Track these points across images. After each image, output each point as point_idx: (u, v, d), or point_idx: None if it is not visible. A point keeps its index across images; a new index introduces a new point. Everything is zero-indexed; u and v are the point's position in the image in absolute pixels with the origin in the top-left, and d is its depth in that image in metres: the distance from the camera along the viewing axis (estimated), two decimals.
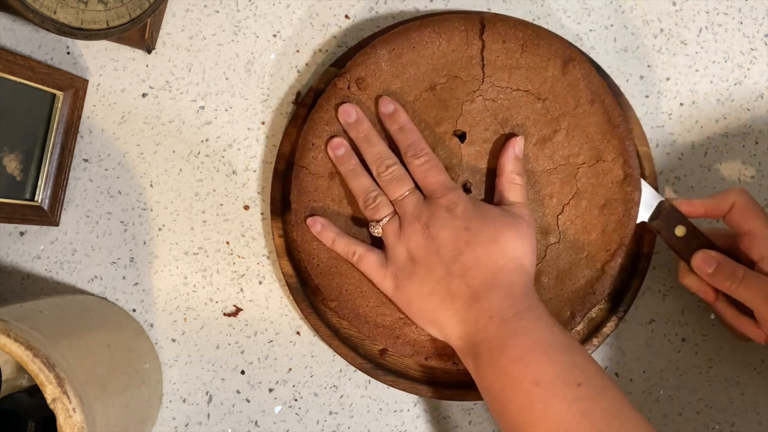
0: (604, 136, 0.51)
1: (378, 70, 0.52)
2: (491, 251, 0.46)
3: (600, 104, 0.51)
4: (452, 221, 0.47)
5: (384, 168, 0.50)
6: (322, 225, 0.51)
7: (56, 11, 0.47)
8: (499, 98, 0.52)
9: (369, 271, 0.50)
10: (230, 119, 0.57)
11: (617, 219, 0.51)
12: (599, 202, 0.51)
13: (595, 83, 0.52)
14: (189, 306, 0.57)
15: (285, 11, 0.57)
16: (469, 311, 0.46)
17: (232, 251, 0.57)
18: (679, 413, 0.55)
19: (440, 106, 0.52)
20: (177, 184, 0.57)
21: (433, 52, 0.52)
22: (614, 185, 0.51)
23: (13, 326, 0.43)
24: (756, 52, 0.57)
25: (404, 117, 0.51)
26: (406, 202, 0.49)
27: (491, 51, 0.52)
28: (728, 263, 0.48)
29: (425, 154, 0.49)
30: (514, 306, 0.45)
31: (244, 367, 0.56)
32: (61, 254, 0.57)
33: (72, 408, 0.42)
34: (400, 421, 0.56)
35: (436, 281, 0.47)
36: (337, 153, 0.51)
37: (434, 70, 0.52)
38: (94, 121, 0.57)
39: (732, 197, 0.49)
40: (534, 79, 0.52)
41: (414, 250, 0.48)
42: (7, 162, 0.52)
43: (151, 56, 0.57)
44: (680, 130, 0.57)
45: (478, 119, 0.52)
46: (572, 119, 0.52)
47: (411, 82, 0.52)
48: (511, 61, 0.52)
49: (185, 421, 0.56)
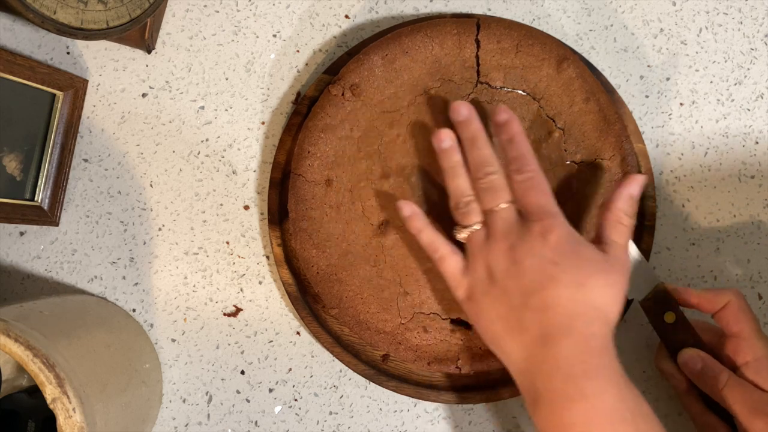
0: (600, 134, 0.51)
1: (372, 75, 0.52)
2: (576, 295, 0.43)
3: (595, 102, 0.51)
4: (542, 250, 0.44)
5: (483, 174, 0.46)
6: (412, 212, 0.49)
7: (56, 11, 0.47)
8: (494, 100, 0.52)
9: (446, 274, 0.48)
10: (230, 119, 0.57)
11: None
12: (597, 200, 0.52)
13: (589, 81, 0.52)
14: (189, 306, 0.57)
15: (285, 11, 0.57)
16: (536, 351, 0.43)
17: (232, 251, 0.57)
18: (679, 413, 0.55)
19: (436, 109, 0.52)
20: (177, 184, 0.57)
21: (426, 57, 0.52)
22: (612, 184, 0.51)
23: (13, 326, 0.43)
24: (756, 52, 0.57)
25: (517, 129, 0.47)
26: (498, 216, 0.46)
27: (486, 51, 0.52)
28: (714, 365, 0.47)
29: (530, 170, 0.46)
30: (585, 361, 0.42)
31: (244, 367, 0.56)
32: (61, 254, 0.57)
33: (72, 408, 0.42)
34: (400, 421, 0.56)
35: (509, 308, 0.44)
36: (442, 145, 0.48)
37: (428, 74, 0.52)
38: (94, 121, 0.57)
39: (727, 296, 0.48)
40: (529, 79, 0.52)
41: (495, 268, 0.45)
42: (7, 162, 0.52)
43: (151, 56, 0.57)
44: (680, 130, 0.57)
45: None
46: (568, 118, 0.52)
47: (405, 87, 0.52)
48: (506, 61, 0.52)
49: (185, 421, 0.56)
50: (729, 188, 0.56)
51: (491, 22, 0.52)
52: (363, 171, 0.52)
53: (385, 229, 0.52)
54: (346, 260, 0.52)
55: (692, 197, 0.56)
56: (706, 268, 0.56)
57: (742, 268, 0.56)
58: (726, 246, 0.56)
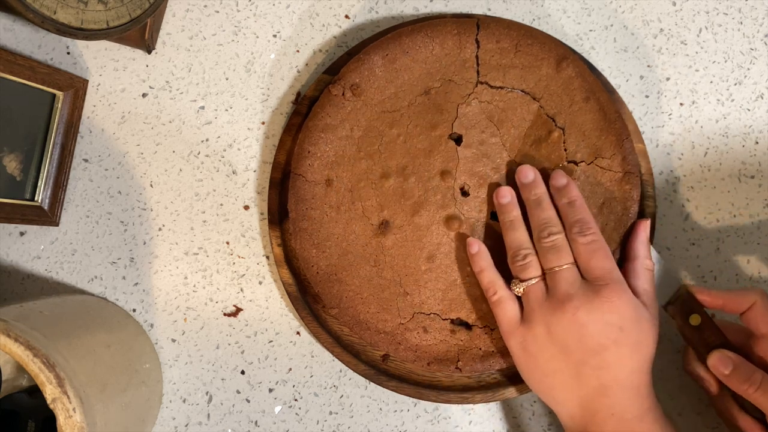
0: (600, 133, 0.51)
1: (372, 75, 0.52)
2: (635, 355, 0.46)
3: (595, 101, 0.51)
4: (606, 315, 0.45)
5: (547, 234, 0.48)
6: (479, 249, 0.51)
7: (56, 11, 0.47)
8: (494, 100, 0.52)
9: (501, 318, 0.49)
10: (230, 119, 0.57)
11: (616, 218, 0.51)
12: (598, 200, 0.52)
13: (589, 81, 0.52)
14: (189, 306, 0.57)
15: (285, 11, 0.57)
16: (591, 402, 0.46)
17: (232, 251, 0.57)
18: (679, 413, 0.55)
19: (435, 109, 0.52)
20: (177, 184, 0.57)
21: (426, 57, 0.52)
22: (613, 183, 0.51)
23: (13, 326, 0.43)
24: (756, 52, 0.57)
25: (576, 192, 0.49)
26: (561, 276, 0.47)
27: (486, 51, 0.52)
28: (746, 366, 0.47)
29: (592, 233, 0.48)
30: (637, 406, 0.45)
31: (244, 367, 0.56)
32: (61, 254, 0.57)
33: (72, 408, 0.42)
34: (400, 421, 0.56)
35: (567, 364, 0.46)
36: (502, 201, 0.50)
37: (428, 74, 0.52)
38: (94, 121, 0.57)
39: (753, 297, 0.48)
40: (528, 78, 0.52)
41: (555, 328, 0.46)
42: (7, 162, 0.52)
43: (151, 56, 0.57)
44: (680, 130, 0.57)
45: (473, 122, 0.52)
46: (568, 117, 0.52)
47: (405, 87, 0.52)
48: (505, 60, 0.52)
49: (185, 421, 0.56)
50: (729, 188, 0.56)
51: (491, 22, 0.52)
52: (363, 171, 0.52)
53: (385, 229, 0.52)
54: (346, 260, 0.52)
55: (692, 197, 0.56)
56: (706, 268, 0.56)
57: (742, 268, 0.56)
58: (726, 246, 0.56)
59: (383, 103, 0.52)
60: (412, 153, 0.52)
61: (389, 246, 0.52)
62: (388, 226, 0.52)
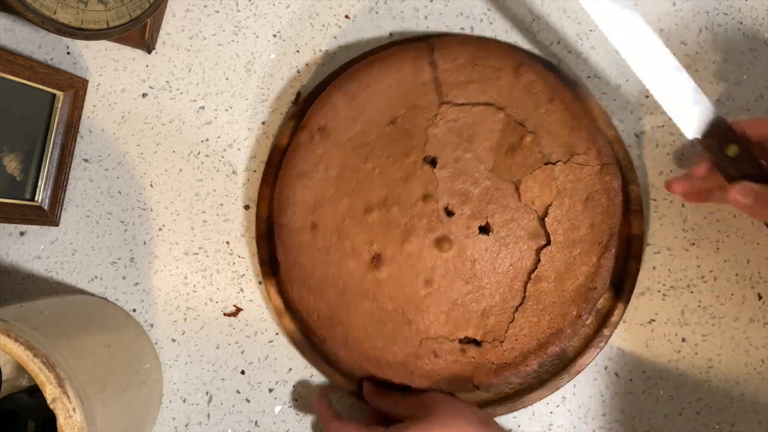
0: (571, 130, 0.52)
1: (336, 115, 0.52)
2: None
3: (560, 101, 0.52)
4: None
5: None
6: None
7: (56, 11, 0.47)
8: (460, 117, 0.52)
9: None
10: (230, 119, 0.57)
11: (603, 210, 0.51)
12: (582, 196, 0.52)
13: (549, 81, 0.52)
14: (189, 306, 0.57)
15: (285, 11, 0.57)
16: None
17: (233, 251, 0.57)
18: (679, 413, 0.55)
19: (405, 137, 0.52)
20: (177, 184, 0.57)
21: (387, 87, 0.52)
22: (593, 177, 0.51)
23: (13, 326, 0.43)
24: (756, 52, 0.57)
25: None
26: None
27: (443, 71, 0.52)
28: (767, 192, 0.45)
29: None
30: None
31: (244, 367, 0.56)
32: (61, 254, 0.57)
33: (72, 408, 0.42)
34: None
35: None
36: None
37: (391, 103, 0.52)
38: (94, 121, 0.57)
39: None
40: (490, 90, 0.52)
41: None
42: (7, 162, 0.52)
43: (151, 56, 0.57)
44: (680, 130, 0.57)
45: (445, 142, 0.52)
46: (537, 120, 0.52)
47: (371, 120, 0.52)
48: (464, 77, 0.52)
49: (185, 421, 0.56)
50: None
51: (444, 41, 0.53)
52: (345, 209, 0.52)
53: (378, 263, 0.52)
54: (344, 300, 0.52)
55: None
56: (706, 268, 0.56)
57: (742, 268, 0.56)
58: (726, 246, 0.56)
59: (353, 140, 0.52)
60: (390, 183, 0.52)
61: (385, 278, 0.52)
62: (380, 259, 0.52)
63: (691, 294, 0.55)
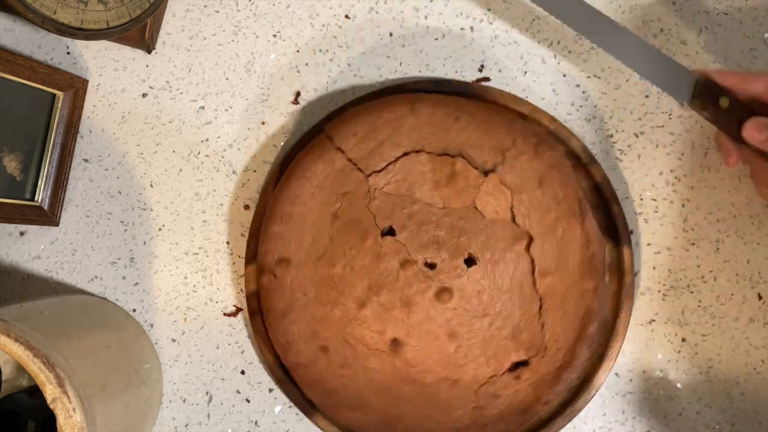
0: (488, 134, 0.52)
1: (285, 243, 0.52)
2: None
3: (466, 114, 0.52)
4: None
5: None
6: None
7: (56, 11, 0.47)
8: (390, 179, 0.52)
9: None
10: (230, 119, 0.57)
11: (560, 183, 0.51)
12: (534, 183, 0.51)
13: (446, 103, 0.53)
14: (189, 306, 0.57)
15: (285, 11, 0.57)
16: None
17: (232, 251, 0.57)
18: (679, 413, 0.55)
19: (354, 224, 0.52)
20: (177, 184, 0.57)
21: (312, 192, 0.52)
22: (532, 161, 0.51)
23: (13, 326, 0.43)
24: (756, 52, 0.57)
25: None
26: None
27: (351, 150, 0.52)
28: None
29: None
30: None
31: (244, 367, 0.56)
32: (61, 254, 0.57)
33: (72, 408, 0.42)
34: None
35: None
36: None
37: (325, 203, 0.52)
38: (94, 121, 0.57)
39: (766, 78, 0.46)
40: (401, 141, 0.52)
41: None
42: (7, 162, 0.52)
43: (151, 56, 0.57)
44: (680, 130, 0.57)
45: (390, 208, 0.52)
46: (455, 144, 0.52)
47: (316, 228, 0.52)
48: (372, 144, 0.52)
49: (185, 421, 0.56)
50: (729, 188, 0.56)
51: (334, 124, 0.53)
52: (341, 318, 0.51)
53: (397, 347, 0.51)
54: (388, 398, 0.51)
55: (692, 197, 0.56)
56: (705, 268, 0.56)
57: (742, 268, 0.56)
58: (726, 246, 0.56)
59: (311, 254, 0.52)
60: (365, 271, 0.51)
61: (411, 357, 0.51)
62: (398, 343, 0.51)
63: (691, 294, 0.55)
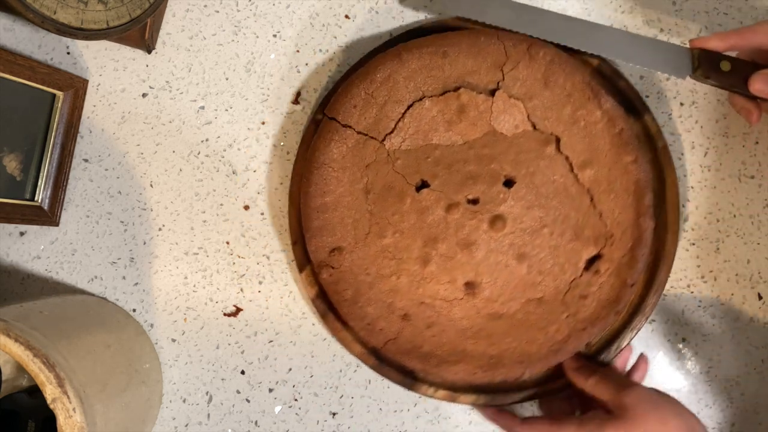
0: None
1: (330, 233, 0.52)
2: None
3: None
4: None
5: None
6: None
7: (56, 11, 0.47)
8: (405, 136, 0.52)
9: None
10: (230, 119, 0.57)
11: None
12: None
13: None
14: (189, 306, 0.57)
15: (285, 11, 0.57)
16: None
17: (232, 251, 0.57)
18: None
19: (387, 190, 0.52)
20: (177, 184, 0.57)
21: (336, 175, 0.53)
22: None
23: (13, 326, 0.43)
24: None
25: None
26: None
27: (354, 120, 0.52)
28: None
29: None
30: None
31: (244, 367, 0.56)
32: (61, 254, 0.57)
33: (72, 408, 0.42)
34: (400, 421, 0.56)
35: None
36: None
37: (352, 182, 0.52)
38: (94, 121, 0.57)
39: (764, 25, 0.48)
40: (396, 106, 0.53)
41: None
42: (7, 162, 0.52)
43: (151, 56, 0.57)
44: (680, 130, 0.57)
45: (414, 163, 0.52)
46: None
47: (355, 207, 0.52)
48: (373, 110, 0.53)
49: (185, 421, 0.56)
50: (729, 188, 0.56)
51: (333, 104, 0.53)
52: (409, 282, 0.52)
53: (473, 289, 0.52)
54: (483, 338, 0.52)
55: (692, 197, 0.56)
56: (705, 268, 0.56)
57: (742, 268, 0.56)
58: (726, 246, 0.56)
59: (358, 235, 0.52)
60: (415, 230, 0.52)
61: (489, 293, 0.52)
62: (473, 285, 0.52)
63: (691, 294, 0.55)
